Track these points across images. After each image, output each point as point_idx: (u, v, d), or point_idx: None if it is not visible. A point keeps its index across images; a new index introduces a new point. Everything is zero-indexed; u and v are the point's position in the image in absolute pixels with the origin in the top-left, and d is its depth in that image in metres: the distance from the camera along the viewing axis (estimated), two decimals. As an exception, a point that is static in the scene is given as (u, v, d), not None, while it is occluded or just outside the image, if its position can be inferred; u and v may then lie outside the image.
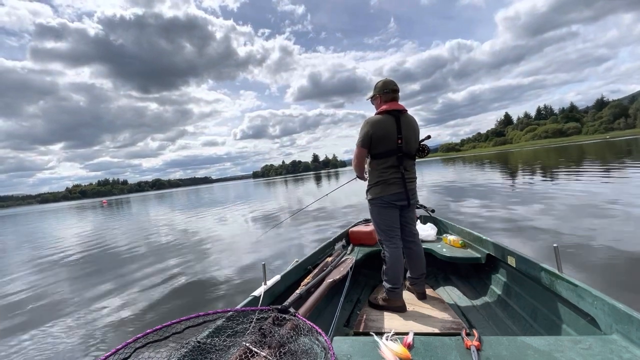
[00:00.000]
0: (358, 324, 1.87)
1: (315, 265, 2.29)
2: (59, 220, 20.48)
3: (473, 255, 2.32)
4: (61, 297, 4.01)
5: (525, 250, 2.82)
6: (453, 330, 1.70)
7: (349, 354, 1.17)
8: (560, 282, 1.49)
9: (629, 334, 1.12)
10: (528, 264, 1.76)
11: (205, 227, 8.90)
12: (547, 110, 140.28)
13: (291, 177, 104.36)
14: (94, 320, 3.12)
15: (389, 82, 2.05)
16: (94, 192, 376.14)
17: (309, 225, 7.03)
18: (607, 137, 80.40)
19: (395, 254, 1.98)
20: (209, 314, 1.22)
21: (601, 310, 1.25)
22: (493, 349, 1.13)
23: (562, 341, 1.14)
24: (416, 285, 2.17)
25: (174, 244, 6.70)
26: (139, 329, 2.79)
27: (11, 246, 9.74)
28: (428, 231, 2.92)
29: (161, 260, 5.38)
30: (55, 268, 5.74)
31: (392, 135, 1.93)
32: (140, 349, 0.97)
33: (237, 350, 1.12)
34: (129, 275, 4.64)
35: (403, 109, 2.00)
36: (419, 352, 1.15)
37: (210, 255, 5.36)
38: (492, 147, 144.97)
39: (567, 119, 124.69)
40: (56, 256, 6.94)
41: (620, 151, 21.34)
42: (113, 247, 7.21)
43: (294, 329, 1.23)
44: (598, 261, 3.14)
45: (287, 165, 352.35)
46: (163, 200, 34.00)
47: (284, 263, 4.16)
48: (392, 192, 1.95)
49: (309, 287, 1.75)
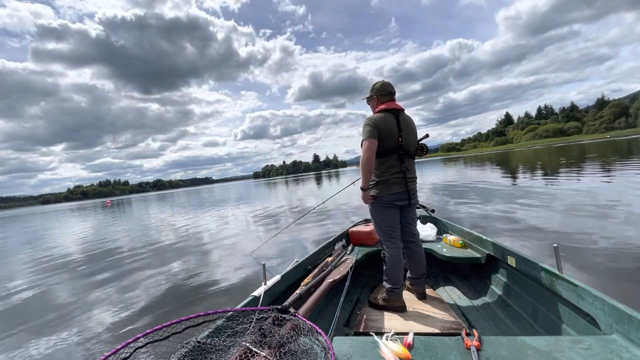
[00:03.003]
0: (358, 324, 1.87)
1: (315, 265, 2.30)
2: (66, 221, 20.44)
3: (473, 255, 2.33)
4: (62, 296, 4.01)
5: (525, 250, 2.82)
6: (453, 330, 1.70)
7: (349, 354, 1.17)
8: (560, 282, 1.49)
9: (629, 334, 1.12)
10: (528, 264, 1.76)
11: (205, 227, 8.90)
12: (548, 109, 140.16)
13: (292, 178, 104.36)
14: (94, 319, 3.12)
15: (387, 84, 2.07)
16: (96, 193, 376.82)
17: (309, 225, 7.03)
18: (608, 137, 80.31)
19: (395, 254, 1.98)
20: (209, 314, 1.22)
21: (601, 310, 1.25)
22: (493, 349, 1.13)
23: (562, 341, 1.14)
24: (416, 285, 2.17)
25: (175, 244, 6.70)
26: (139, 329, 2.79)
27: (24, 247, 9.73)
28: (428, 231, 2.92)
29: (161, 259, 5.39)
30: (60, 268, 5.75)
31: (394, 133, 1.94)
32: (140, 349, 0.98)
33: (237, 350, 1.12)
34: (130, 274, 4.64)
35: (401, 108, 2.01)
36: (419, 352, 1.15)
37: (211, 255, 5.36)
38: (492, 147, 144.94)
39: (567, 119, 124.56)
40: (61, 257, 6.95)
41: (621, 150, 21.32)
42: (117, 247, 7.22)
43: (294, 329, 1.24)
44: (598, 261, 3.13)
45: (288, 166, 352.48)
46: (164, 201, 34.03)
47: (284, 263, 4.16)
48: (393, 192, 1.96)
49: (309, 287, 1.75)
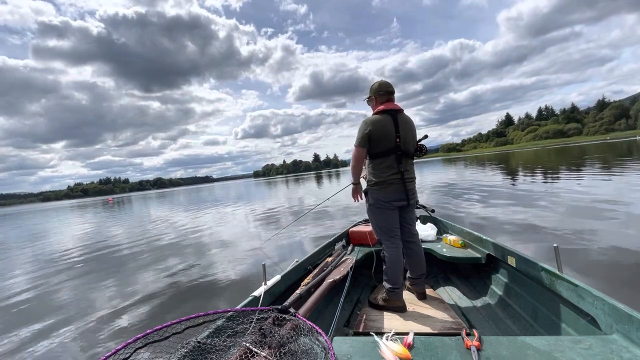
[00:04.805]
0: (358, 324, 1.87)
1: (315, 265, 2.30)
2: (69, 218, 20.42)
3: (473, 255, 2.33)
4: (62, 296, 4.01)
5: (526, 250, 2.82)
6: (453, 330, 1.70)
7: (349, 354, 1.17)
8: (560, 282, 1.49)
9: (629, 334, 1.12)
10: (528, 264, 1.76)
11: (206, 226, 8.89)
12: (549, 110, 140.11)
13: (292, 177, 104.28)
14: (94, 319, 3.12)
15: (384, 83, 2.06)
16: (96, 191, 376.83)
17: (309, 225, 7.03)
18: (608, 138, 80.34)
19: (395, 254, 1.98)
20: (209, 314, 1.22)
21: (601, 310, 1.25)
22: (493, 349, 1.13)
23: (562, 341, 1.14)
24: (416, 285, 2.17)
25: (176, 243, 6.70)
26: (139, 329, 2.79)
27: (31, 243, 9.71)
28: (428, 231, 2.92)
29: (162, 258, 5.38)
30: (61, 266, 5.75)
31: (391, 134, 1.94)
32: (140, 349, 0.97)
33: (237, 350, 1.12)
34: (130, 274, 4.64)
35: (399, 108, 2.01)
36: (419, 352, 1.14)
37: (211, 255, 5.36)
38: (493, 148, 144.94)
39: (568, 120, 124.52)
40: (64, 255, 6.94)
41: (621, 151, 21.31)
42: (118, 245, 7.22)
43: (294, 329, 1.23)
44: (598, 261, 3.13)
45: (288, 165, 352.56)
46: (165, 199, 34.03)
47: (284, 263, 4.16)
48: (391, 193, 1.96)
49: (309, 287, 1.75)
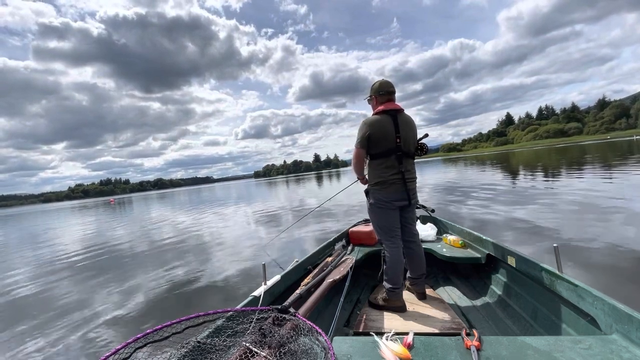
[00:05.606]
0: (358, 324, 1.87)
1: (315, 265, 2.30)
2: (72, 219, 20.40)
3: (473, 255, 2.33)
4: (63, 295, 4.01)
5: (526, 250, 2.82)
6: (453, 330, 1.70)
7: (349, 354, 1.17)
8: (560, 282, 1.49)
9: (629, 334, 1.12)
10: (528, 264, 1.76)
11: (206, 227, 8.90)
12: (549, 110, 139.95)
13: (293, 177, 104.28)
14: (95, 319, 3.12)
15: (385, 83, 2.06)
16: (97, 192, 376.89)
17: (309, 225, 7.03)
18: (608, 138, 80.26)
19: (395, 254, 1.98)
20: (209, 314, 1.22)
21: (601, 310, 1.25)
22: (493, 349, 1.13)
23: (562, 341, 1.14)
24: (416, 285, 2.17)
25: (176, 243, 6.70)
26: (139, 329, 2.79)
27: (36, 245, 9.72)
28: (428, 231, 2.92)
29: (162, 258, 5.38)
30: (62, 266, 5.75)
31: (391, 135, 1.94)
32: (140, 349, 0.97)
33: (237, 350, 1.12)
34: (131, 274, 4.64)
35: (400, 108, 2.01)
36: (419, 352, 1.14)
37: (211, 255, 5.36)
38: (493, 147, 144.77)
39: (568, 119, 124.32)
40: (66, 255, 6.95)
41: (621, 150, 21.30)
42: (120, 245, 7.23)
43: (294, 329, 1.24)
44: (598, 261, 3.13)
45: (289, 165, 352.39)
46: (165, 200, 34.07)
47: (284, 263, 4.16)
48: (392, 192, 1.96)
49: (309, 287, 1.75)
